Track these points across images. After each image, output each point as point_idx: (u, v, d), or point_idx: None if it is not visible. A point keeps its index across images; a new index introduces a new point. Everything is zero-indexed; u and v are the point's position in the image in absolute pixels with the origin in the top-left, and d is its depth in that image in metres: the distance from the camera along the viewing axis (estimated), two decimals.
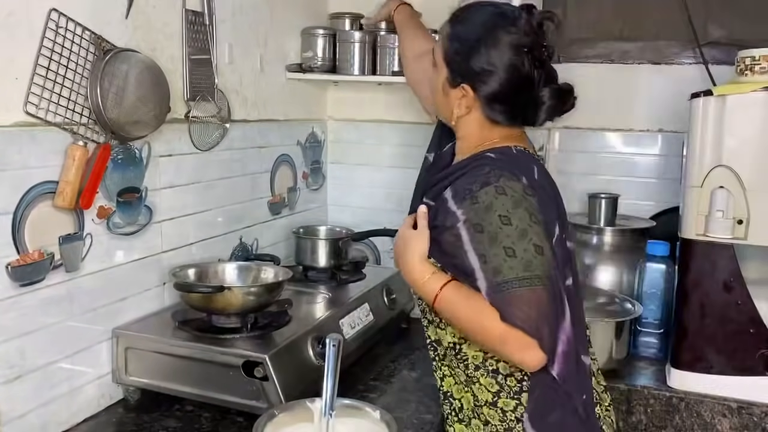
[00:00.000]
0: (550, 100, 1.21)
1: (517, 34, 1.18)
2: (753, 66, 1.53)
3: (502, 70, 1.18)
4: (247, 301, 1.52)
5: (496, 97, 1.21)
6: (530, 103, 1.21)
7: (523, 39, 1.17)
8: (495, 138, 1.25)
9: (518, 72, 1.18)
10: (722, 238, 1.54)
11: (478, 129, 1.26)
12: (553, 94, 1.21)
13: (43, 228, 1.30)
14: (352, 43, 2.10)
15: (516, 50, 1.17)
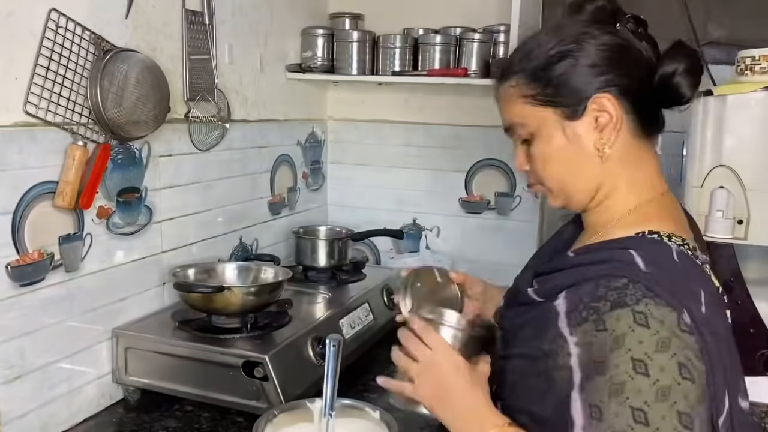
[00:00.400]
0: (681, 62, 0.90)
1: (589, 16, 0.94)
2: (753, 66, 1.53)
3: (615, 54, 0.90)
4: (247, 301, 1.52)
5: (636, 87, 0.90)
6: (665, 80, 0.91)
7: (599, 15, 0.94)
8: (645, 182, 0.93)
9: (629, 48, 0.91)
10: (722, 238, 1.54)
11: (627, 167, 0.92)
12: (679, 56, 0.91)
13: (43, 228, 1.30)
14: (351, 42, 2.09)
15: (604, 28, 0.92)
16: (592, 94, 0.89)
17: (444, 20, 2.14)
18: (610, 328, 0.79)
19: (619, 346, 0.78)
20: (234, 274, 1.70)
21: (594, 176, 0.93)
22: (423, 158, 2.33)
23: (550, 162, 0.94)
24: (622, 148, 0.91)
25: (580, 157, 0.92)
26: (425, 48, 2.07)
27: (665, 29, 2.13)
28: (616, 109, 0.89)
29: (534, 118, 0.93)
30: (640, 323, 0.78)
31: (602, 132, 0.90)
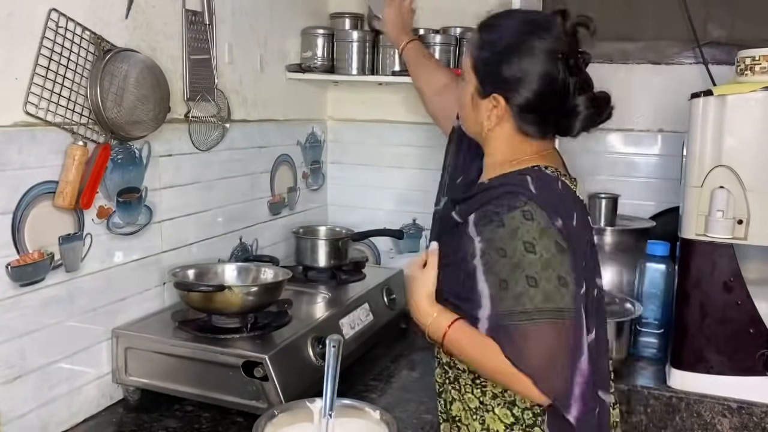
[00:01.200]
0: (586, 109, 1.15)
1: (550, 40, 1.12)
2: (753, 66, 1.53)
3: (535, 78, 1.12)
4: (247, 300, 1.52)
5: (529, 106, 1.14)
6: (565, 112, 1.15)
7: (556, 45, 1.12)
8: (526, 155, 1.19)
9: (552, 80, 1.12)
10: (722, 238, 1.54)
11: (507, 143, 1.20)
12: (590, 103, 1.15)
13: (43, 228, 1.30)
14: (351, 42, 2.09)
15: (550, 57, 1.11)
16: (495, 92, 1.16)
17: (444, 20, 2.14)
18: (507, 224, 1.08)
19: (514, 236, 1.07)
20: (234, 274, 1.70)
21: (476, 132, 1.24)
22: (423, 158, 2.33)
23: (461, 103, 1.26)
24: (501, 132, 1.19)
25: (473, 117, 1.22)
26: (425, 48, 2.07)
27: (665, 29, 2.14)
28: (503, 109, 1.16)
29: (468, 72, 1.21)
30: (528, 218, 1.07)
31: (489, 117, 1.18)
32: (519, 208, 1.08)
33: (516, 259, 1.06)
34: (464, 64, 1.22)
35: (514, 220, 1.07)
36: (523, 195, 1.10)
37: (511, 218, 1.07)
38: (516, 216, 1.07)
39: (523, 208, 1.07)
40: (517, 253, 1.06)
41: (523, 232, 1.06)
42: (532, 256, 1.05)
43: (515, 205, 1.08)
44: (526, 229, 1.06)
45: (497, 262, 1.08)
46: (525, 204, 1.08)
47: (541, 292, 1.05)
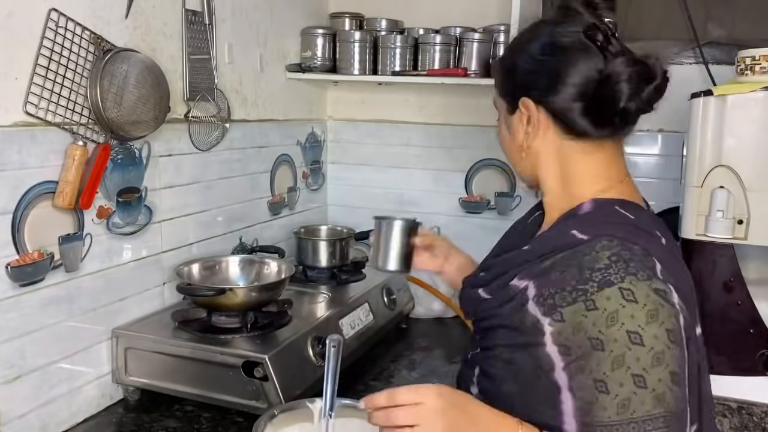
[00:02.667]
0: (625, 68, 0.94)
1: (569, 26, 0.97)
2: (753, 66, 1.53)
3: (569, 69, 0.93)
4: (250, 298, 1.52)
5: (570, 98, 0.94)
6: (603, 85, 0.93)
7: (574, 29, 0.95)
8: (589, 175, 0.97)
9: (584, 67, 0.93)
10: (722, 238, 1.54)
11: (558, 160, 0.99)
12: (627, 63, 0.95)
13: (43, 228, 1.30)
14: (352, 42, 2.10)
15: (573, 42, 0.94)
16: (521, 96, 0.98)
17: (444, 20, 2.14)
18: (601, 306, 0.84)
19: (614, 322, 0.83)
20: (237, 269, 1.72)
21: (523, 165, 1.04)
22: (423, 158, 2.33)
23: (500, 142, 1.10)
24: (547, 147, 0.99)
25: (513, 147, 1.04)
26: (425, 48, 2.07)
27: (665, 29, 2.14)
28: (536, 113, 0.97)
29: (498, 102, 1.07)
30: (629, 299, 0.84)
31: (526, 131, 0.99)
32: (616, 285, 0.84)
33: (618, 352, 0.83)
34: (494, 99, 1.08)
35: (611, 301, 0.84)
36: (617, 263, 0.86)
37: (605, 299, 0.84)
38: (612, 296, 0.84)
39: (621, 285, 0.84)
40: (619, 345, 0.83)
41: (625, 317, 0.83)
42: (640, 349, 0.83)
43: (609, 280, 0.85)
44: (630, 314, 0.83)
45: (590, 356, 0.84)
46: (622, 278, 0.85)
47: (652, 395, 0.82)
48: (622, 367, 0.83)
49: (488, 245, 2.42)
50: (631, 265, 0.86)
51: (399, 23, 2.22)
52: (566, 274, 0.89)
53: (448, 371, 1.72)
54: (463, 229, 2.31)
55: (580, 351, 0.85)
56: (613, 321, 0.83)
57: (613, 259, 0.86)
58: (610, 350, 0.83)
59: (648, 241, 0.90)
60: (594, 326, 0.84)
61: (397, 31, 2.18)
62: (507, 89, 1.02)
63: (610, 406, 0.83)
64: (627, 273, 0.85)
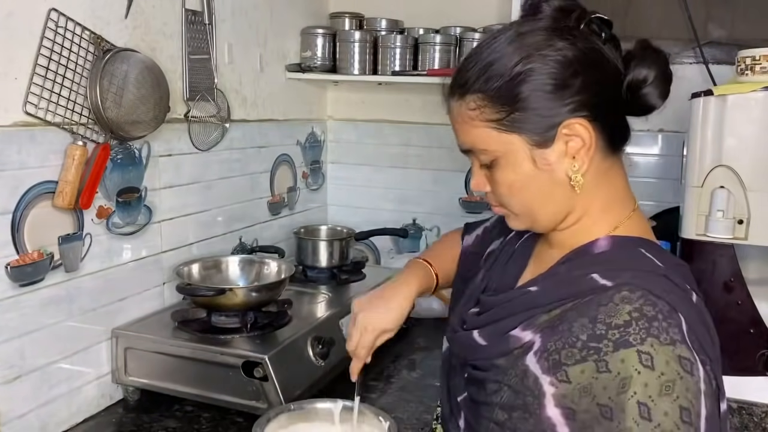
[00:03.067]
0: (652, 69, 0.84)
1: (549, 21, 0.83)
2: (753, 66, 1.53)
3: (579, 65, 0.80)
4: (250, 298, 1.52)
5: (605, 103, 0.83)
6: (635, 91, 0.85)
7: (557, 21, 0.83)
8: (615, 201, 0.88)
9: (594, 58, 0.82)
10: (722, 238, 1.54)
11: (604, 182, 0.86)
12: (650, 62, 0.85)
13: (43, 228, 1.30)
14: (353, 42, 2.09)
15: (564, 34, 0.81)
16: (564, 119, 0.81)
17: (444, 20, 2.14)
18: (614, 369, 0.74)
19: (625, 390, 0.73)
20: (237, 269, 1.72)
21: (566, 203, 0.85)
22: (423, 158, 2.33)
23: (517, 190, 0.85)
24: (594, 171, 0.84)
25: (550, 185, 0.84)
26: (425, 48, 2.07)
27: (665, 29, 2.14)
28: (590, 133, 0.81)
29: (499, 144, 0.83)
30: (646, 365, 0.73)
31: (574, 158, 0.82)
32: (634, 347, 0.73)
33: (625, 425, 0.72)
34: (480, 140, 0.84)
35: (625, 364, 0.73)
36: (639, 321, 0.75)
37: (620, 361, 0.73)
38: (628, 359, 0.73)
39: (640, 348, 0.73)
40: (626, 417, 0.72)
41: (638, 385, 0.72)
42: (646, 424, 0.72)
43: (627, 340, 0.74)
44: (644, 382, 0.72)
45: (597, 425, 0.74)
46: (643, 339, 0.73)
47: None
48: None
49: None
50: (654, 325, 0.74)
51: (399, 23, 2.22)
52: (575, 326, 0.78)
53: None
54: None
55: (587, 417, 0.74)
56: (625, 388, 0.73)
57: (635, 315, 0.75)
58: (618, 421, 0.72)
59: (677, 297, 0.78)
60: (604, 391, 0.74)
61: (397, 31, 2.18)
62: (533, 120, 0.81)
63: None
64: (649, 334, 0.74)
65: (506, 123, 0.81)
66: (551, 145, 0.82)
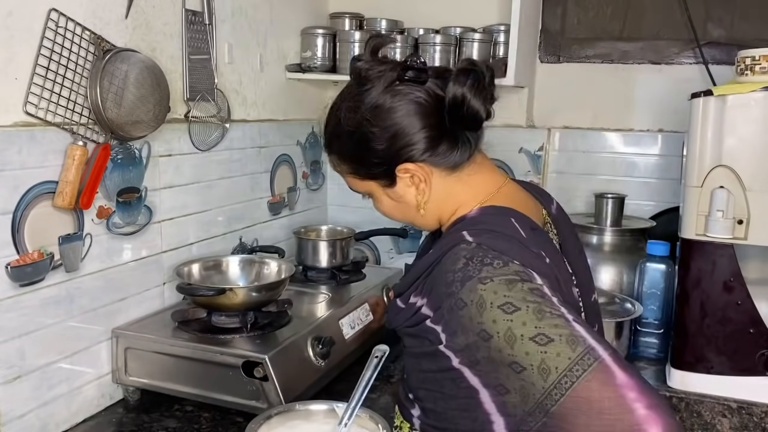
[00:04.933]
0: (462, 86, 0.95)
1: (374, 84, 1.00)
2: (753, 66, 1.53)
3: (406, 120, 0.97)
4: (250, 298, 1.52)
5: (433, 138, 0.98)
6: (456, 111, 0.97)
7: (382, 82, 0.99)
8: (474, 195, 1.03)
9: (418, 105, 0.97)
10: (722, 238, 1.54)
11: (452, 195, 1.03)
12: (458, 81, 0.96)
13: (43, 228, 1.30)
14: (352, 43, 2.09)
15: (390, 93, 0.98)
16: (396, 165, 0.99)
17: (444, 20, 2.14)
18: (468, 300, 0.86)
19: (483, 308, 0.85)
20: (237, 269, 1.72)
21: (429, 217, 1.05)
22: None
23: (389, 213, 1.08)
24: (441, 187, 1.01)
25: (409, 209, 1.05)
26: (425, 48, 2.07)
27: (665, 29, 2.14)
28: (421, 169, 0.99)
29: (363, 186, 1.06)
30: (486, 282, 0.86)
31: (417, 189, 1.01)
32: (475, 277, 0.87)
33: (503, 329, 0.84)
34: (354, 185, 1.07)
35: (474, 292, 0.86)
36: (462, 254, 0.90)
37: (469, 292, 0.87)
38: (474, 287, 0.86)
39: (479, 276, 0.87)
40: (500, 324, 0.84)
41: (490, 297, 0.85)
42: (518, 313, 0.84)
43: (469, 275, 0.88)
44: (493, 291, 0.86)
45: (488, 349, 0.85)
46: (479, 270, 0.88)
47: (563, 342, 0.82)
48: (517, 339, 0.83)
49: None
50: (487, 259, 0.88)
51: (399, 23, 2.22)
52: (437, 280, 0.92)
53: None
54: None
55: (477, 350, 0.86)
56: (482, 306, 0.85)
57: (469, 256, 0.89)
58: (497, 332, 0.84)
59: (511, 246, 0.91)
60: (471, 321, 0.86)
61: (397, 31, 2.18)
62: (372, 171, 1.02)
63: (535, 379, 0.82)
64: (483, 265, 0.88)
65: (360, 174, 1.04)
66: (395, 185, 1.02)
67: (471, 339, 0.87)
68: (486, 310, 0.85)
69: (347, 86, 1.05)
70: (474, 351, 0.87)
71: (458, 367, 0.90)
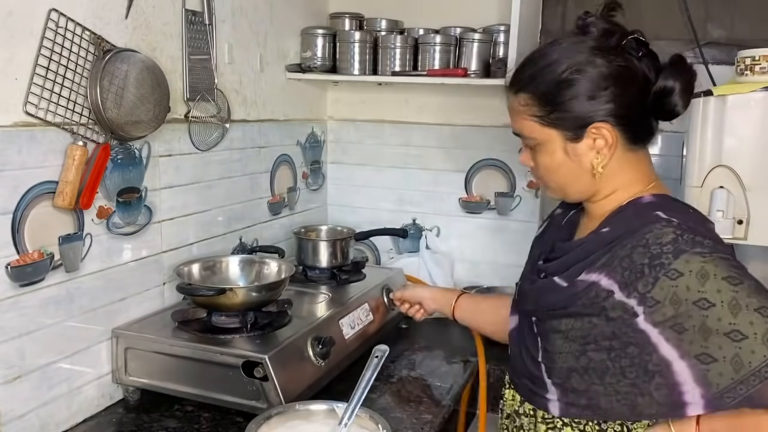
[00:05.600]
0: (676, 79, 1.01)
1: (599, 36, 1.02)
2: (753, 66, 1.53)
3: (616, 82, 1.00)
4: (250, 298, 1.52)
5: (632, 110, 1.02)
6: (660, 99, 1.02)
7: (607, 39, 1.02)
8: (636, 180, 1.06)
9: (630, 70, 1.01)
10: (722, 238, 1.54)
11: (624, 168, 1.06)
12: (673, 70, 1.02)
13: (43, 228, 1.30)
14: (353, 43, 2.10)
15: (609, 53, 1.01)
16: (593, 122, 1.01)
17: (444, 20, 2.14)
18: (685, 270, 0.90)
19: (707, 277, 0.90)
20: (237, 269, 1.72)
21: (589, 185, 1.07)
22: (423, 158, 2.33)
23: (551, 172, 1.09)
24: (615, 162, 1.05)
25: (577, 172, 1.06)
26: (425, 48, 2.07)
27: (665, 29, 2.14)
28: (612, 134, 1.02)
29: (540, 134, 1.06)
30: (706, 257, 0.91)
31: (599, 153, 1.03)
32: (689, 251, 0.92)
33: (728, 297, 0.89)
34: (527, 130, 1.08)
35: (691, 263, 0.92)
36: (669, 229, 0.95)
37: (685, 262, 0.92)
38: (691, 259, 0.92)
39: (693, 250, 0.92)
40: (725, 293, 0.90)
41: (712, 269, 0.91)
42: (742, 287, 0.90)
43: (681, 248, 0.93)
44: (714, 265, 0.91)
45: (706, 318, 0.89)
46: (692, 245, 0.93)
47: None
48: (741, 309, 0.88)
49: (488, 245, 2.42)
50: (698, 238, 0.94)
51: (399, 23, 2.22)
52: (635, 256, 0.95)
53: (448, 371, 1.72)
54: (462, 229, 2.31)
55: (688, 318, 0.89)
56: (705, 276, 0.90)
57: (678, 233, 0.94)
58: (720, 300, 0.89)
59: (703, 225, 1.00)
60: (689, 290, 0.90)
61: (397, 31, 2.18)
62: (568, 120, 1.03)
63: (756, 347, 0.87)
64: (695, 242, 0.93)
65: (547, 120, 1.04)
66: (581, 140, 1.03)
67: (683, 308, 0.90)
68: (710, 279, 0.90)
69: (567, 35, 1.06)
70: (683, 320, 0.90)
71: (654, 342, 0.93)
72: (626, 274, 0.95)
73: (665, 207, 1.02)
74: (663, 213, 0.99)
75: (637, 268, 0.94)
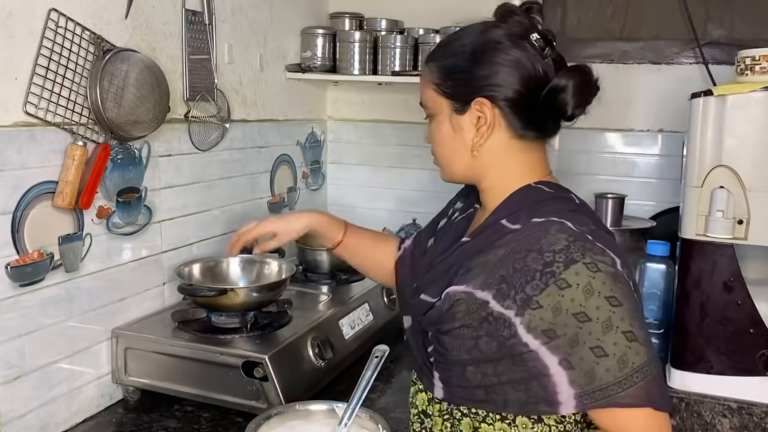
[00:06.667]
0: (571, 79, 1.03)
1: (511, 25, 1.04)
2: (753, 66, 1.53)
3: (513, 66, 1.02)
4: (251, 299, 1.52)
5: (519, 97, 1.02)
6: (552, 93, 1.03)
7: (519, 28, 1.04)
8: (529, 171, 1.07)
9: (528, 63, 1.02)
10: (722, 238, 1.54)
11: (506, 157, 1.06)
12: (573, 73, 1.04)
13: (43, 228, 1.30)
14: (353, 43, 2.10)
15: (518, 40, 1.03)
16: (476, 97, 1.03)
17: (444, 20, 2.14)
18: (573, 283, 0.91)
19: (591, 294, 0.91)
20: (238, 269, 1.72)
21: (469, 165, 1.08)
22: (423, 158, 2.32)
23: (438, 145, 1.12)
24: (499, 146, 1.06)
25: (460, 149, 1.07)
26: (425, 48, 2.07)
27: (665, 29, 2.14)
28: (492, 113, 1.03)
29: (435, 102, 1.09)
30: (594, 270, 0.92)
31: (478, 130, 1.04)
32: (580, 261, 0.92)
33: (604, 317, 0.91)
34: (426, 98, 1.11)
35: (581, 276, 0.91)
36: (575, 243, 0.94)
37: (575, 274, 0.92)
38: (581, 271, 0.92)
39: (584, 261, 0.92)
40: (602, 311, 0.91)
41: (599, 286, 0.91)
42: (620, 309, 0.92)
43: (573, 258, 0.92)
44: (601, 282, 0.92)
45: (580, 330, 0.91)
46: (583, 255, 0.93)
47: (642, 344, 0.92)
48: (612, 329, 0.91)
49: None
50: (587, 244, 0.94)
51: (399, 23, 2.22)
52: (528, 260, 0.95)
53: None
54: None
55: (568, 329, 0.92)
56: (590, 292, 0.91)
57: (571, 240, 0.94)
58: (597, 317, 0.91)
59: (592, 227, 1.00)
60: (572, 302, 0.91)
61: (397, 31, 2.18)
62: (457, 90, 1.06)
63: (611, 366, 0.91)
64: (586, 250, 0.93)
65: (442, 89, 1.07)
66: (464, 114, 1.05)
67: (561, 318, 0.92)
68: (593, 296, 0.91)
69: (485, 22, 1.08)
70: (558, 327, 0.92)
71: (534, 349, 0.94)
72: (506, 281, 0.95)
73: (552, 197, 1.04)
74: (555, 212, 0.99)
75: (531, 272, 0.94)
